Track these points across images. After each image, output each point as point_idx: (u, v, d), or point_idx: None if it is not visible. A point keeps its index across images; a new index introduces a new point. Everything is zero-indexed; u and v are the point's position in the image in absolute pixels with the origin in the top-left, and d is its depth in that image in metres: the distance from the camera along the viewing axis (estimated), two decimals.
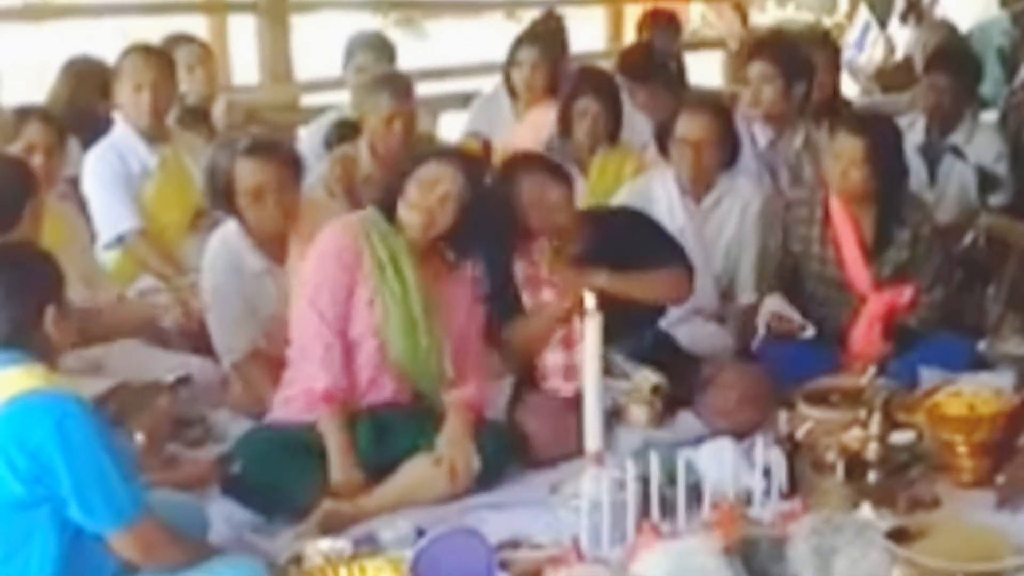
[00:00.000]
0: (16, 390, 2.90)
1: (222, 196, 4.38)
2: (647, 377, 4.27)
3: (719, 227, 4.97)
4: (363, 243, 3.98)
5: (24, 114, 4.50)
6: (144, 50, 5.23)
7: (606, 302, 3.68)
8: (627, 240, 4.37)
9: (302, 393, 3.96)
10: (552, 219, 4.28)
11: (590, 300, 3.57)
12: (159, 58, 5.23)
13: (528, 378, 4.34)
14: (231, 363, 4.42)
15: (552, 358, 4.28)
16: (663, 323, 4.59)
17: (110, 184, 4.99)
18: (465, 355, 4.09)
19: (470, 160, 4.14)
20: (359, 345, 3.97)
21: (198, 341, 4.53)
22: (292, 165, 4.43)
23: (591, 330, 3.54)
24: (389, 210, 4.01)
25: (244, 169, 4.30)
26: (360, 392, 3.98)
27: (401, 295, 3.96)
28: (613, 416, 4.20)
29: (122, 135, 5.09)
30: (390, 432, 3.94)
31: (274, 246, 4.42)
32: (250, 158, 4.31)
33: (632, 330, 4.33)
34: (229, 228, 4.46)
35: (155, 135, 5.11)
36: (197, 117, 5.82)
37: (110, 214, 5.00)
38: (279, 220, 4.35)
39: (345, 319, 3.95)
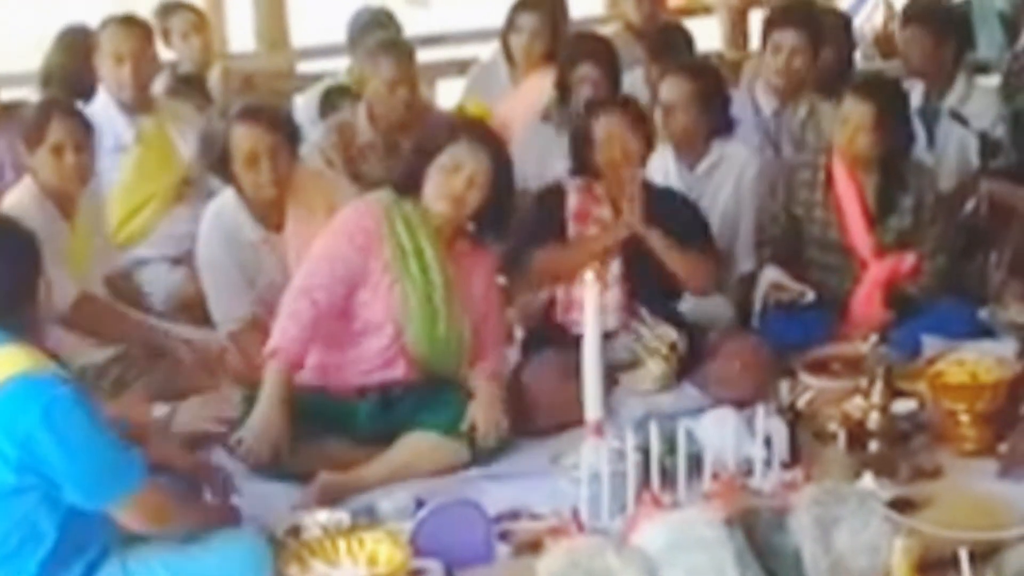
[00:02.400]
0: (2, 375, 2.87)
1: (218, 162, 4.35)
2: (668, 332, 4.31)
3: (714, 194, 4.93)
4: (384, 228, 3.96)
5: (47, 109, 4.44)
6: (124, 21, 5.16)
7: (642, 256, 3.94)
8: (673, 218, 4.44)
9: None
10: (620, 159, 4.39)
11: (589, 274, 3.55)
12: (139, 28, 5.16)
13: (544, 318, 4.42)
14: (228, 332, 4.40)
15: (580, 292, 4.22)
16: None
17: None
18: (486, 332, 4.10)
19: (489, 135, 4.12)
20: (379, 328, 3.96)
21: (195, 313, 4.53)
22: (286, 130, 4.39)
23: (591, 300, 3.51)
24: (409, 191, 4.00)
25: (238, 134, 4.27)
26: (370, 370, 3.98)
27: (422, 284, 3.95)
28: (626, 368, 4.27)
29: (101, 108, 5.02)
30: (393, 406, 3.95)
31: (271, 214, 4.39)
32: (243, 123, 4.28)
33: (653, 292, 4.40)
34: (226, 197, 4.44)
35: (137, 106, 5.07)
36: (191, 85, 5.78)
37: None
38: (274, 186, 4.31)
39: (336, 296, 3.92)
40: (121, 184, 5.02)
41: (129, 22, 5.17)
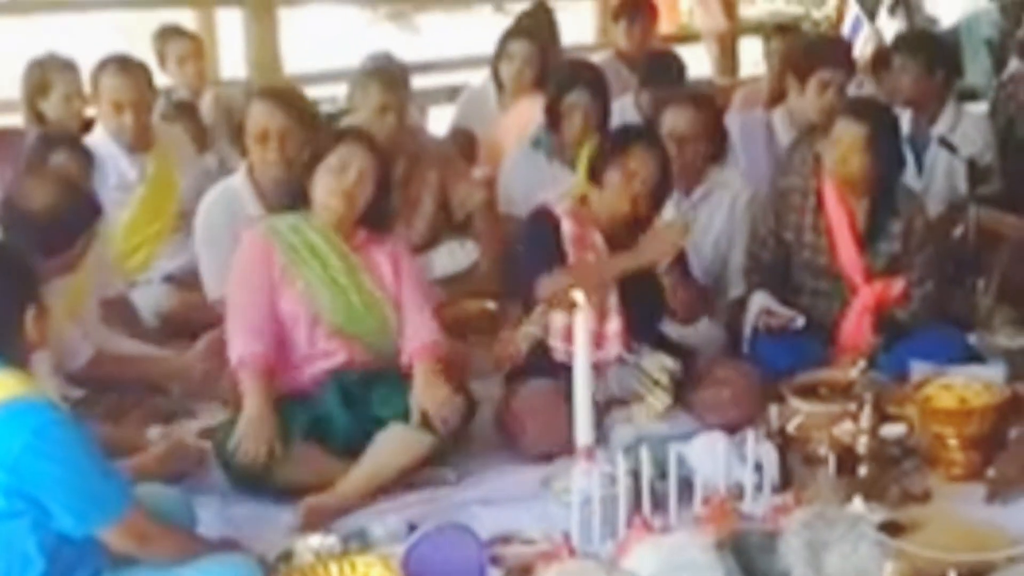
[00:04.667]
0: None
1: (235, 134, 4.66)
2: (664, 361, 4.26)
3: (708, 220, 4.96)
4: (271, 239, 4.08)
5: (50, 141, 4.45)
6: (122, 66, 5.14)
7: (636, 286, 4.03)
8: None
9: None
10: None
11: (580, 296, 3.56)
12: (138, 74, 5.17)
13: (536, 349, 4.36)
14: (216, 298, 4.50)
15: (559, 318, 4.26)
16: None
17: None
18: (409, 310, 4.14)
19: (368, 137, 4.25)
20: (297, 318, 4.05)
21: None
22: (302, 116, 4.62)
23: (580, 325, 3.53)
24: (295, 204, 4.14)
25: (254, 110, 4.57)
26: (313, 359, 4.04)
27: (322, 269, 4.06)
28: (624, 405, 4.21)
29: (103, 144, 5.06)
30: (358, 401, 3.99)
31: (275, 196, 4.50)
32: (262, 101, 4.59)
33: (647, 321, 4.38)
34: (235, 176, 4.68)
35: (137, 145, 5.09)
36: (184, 111, 5.81)
37: None
38: (280, 166, 4.50)
39: (266, 314, 4.01)
40: (127, 222, 5.06)
41: (127, 67, 5.15)
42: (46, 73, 5.38)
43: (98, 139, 5.08)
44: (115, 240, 4.93)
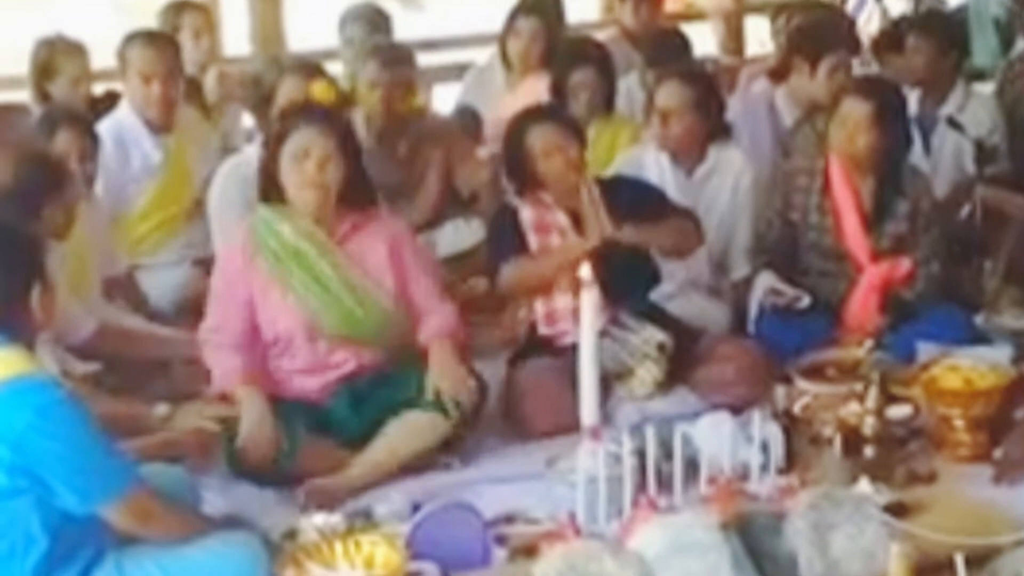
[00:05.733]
0: None
1: (259, 105, 4.67)
2: (653, 335, 4.24)
3: (712, 199, 4.94)
4: (251, 247, 3.97)
5: (52, 119, 4.44)
6: (150, 38, 5.16)
7: (614, 258, 3.90)
8: (633, 202, 4.39)
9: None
10: (564, 168, 4.35)
11: (586, 271, 3.54)
12: (166, 46, 5.16)
13: (531, 332, 4.37)
14: None
15: (563, 301, 4.28)
16: (659, 297, 4.57)
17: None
18: (416, 293, 4.07)
19: (323, 112, 4.15)
20: (293, 339, 3.96)
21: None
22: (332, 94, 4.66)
23: (587, 303, 3.51)
24: (272, 192, 4.00)
25: (287, 83, 4.59)
26: (321, 372, 3.97)
27: (311, 282, 3.94)
28: (617, 378, 4.20)
29: (129, 125, 5.05)
30: (367, 400, 3.95)
31: None
32: (296, 75, 4.63)
33: (632, 293, 4.35)
34: (250, 149, 4.65)
35: (162, 125, 5.08)
36: (191, 89, 5.78)
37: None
38: None
39: (239, 328, 3.95)
40: (141, 207, 5.04)
41: (156, 39, 5.17)
42: (54, 55, 5.37)
43: (123, 118, 5.06)
44: (128, 223, 4.94)
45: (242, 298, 3.96)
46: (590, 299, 3.52)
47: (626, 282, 4.28)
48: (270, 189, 4.00)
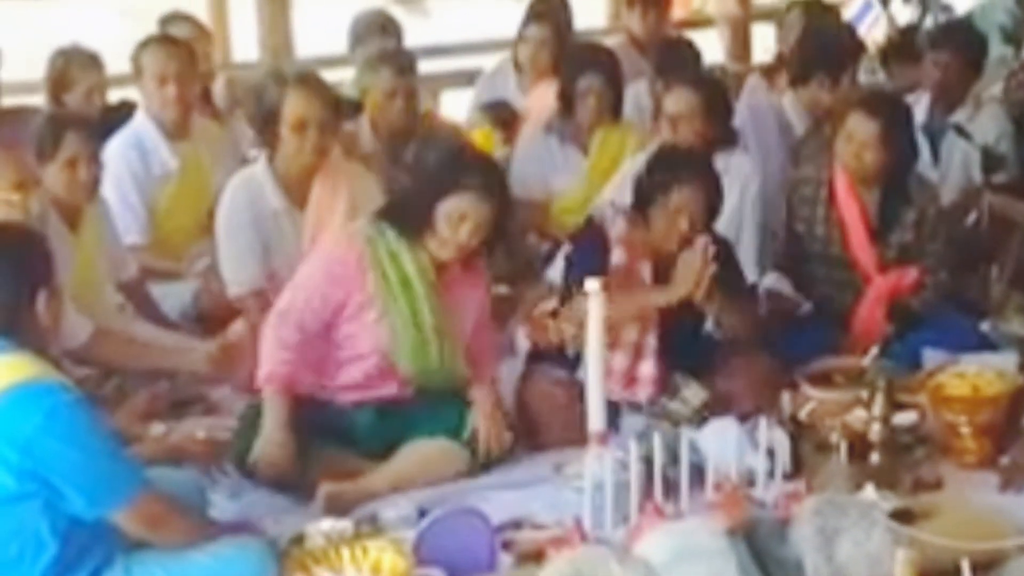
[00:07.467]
0: (4, 382, 2.88)
1: (264, 122, 4.52)
2: (696, 393, 4.16)
3: None
4: (366, 260, 3.89)
5: (59, 124, 4.44)
6: (164, 41, 5.20)
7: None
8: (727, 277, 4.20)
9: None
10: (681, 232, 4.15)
11: (592, 284, 3.55)
12: (181, 48, 5.19)
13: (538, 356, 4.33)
14: (235, 296, 4.47)
15: (619, 362, 4.12)
16: None
17: (125, 188, 4.96)
18: (480, 348, 4.08)
19: (492, 178, 3.99)
20: (365, 358, 3.93)
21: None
22: (334, 105, 4.55)
23: (594, 311, 3.52)
24: (407, 226, 3.90)
25: (293, 98, 4.42)
26: (362, 389, 3.95)
27: (410, 316, 3.90)
28: None
29: (145, 132, 5.07)
30: (392, 416, 3.94)
31: (297, 188, 4.49)
32: (301, 89, 4.45)
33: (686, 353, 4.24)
34: (256, 166, 4.56)
35: (178, 131, 5.09)
36: (203, 96, 5.79)
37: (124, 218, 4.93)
38: (315, 154, 4.43)
39: (315, 324, 3.88)
40: (159, 211, 5.06)
41: (170, 42, 5.21)
42: (69, 67, 5.39)
43: (139, 127, 5.08)
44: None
45: (334, 301, 3.88)
46: (597, 307, 3.53)
47: (681, 341, 4.18)
48: (413, 217, 3.90)
